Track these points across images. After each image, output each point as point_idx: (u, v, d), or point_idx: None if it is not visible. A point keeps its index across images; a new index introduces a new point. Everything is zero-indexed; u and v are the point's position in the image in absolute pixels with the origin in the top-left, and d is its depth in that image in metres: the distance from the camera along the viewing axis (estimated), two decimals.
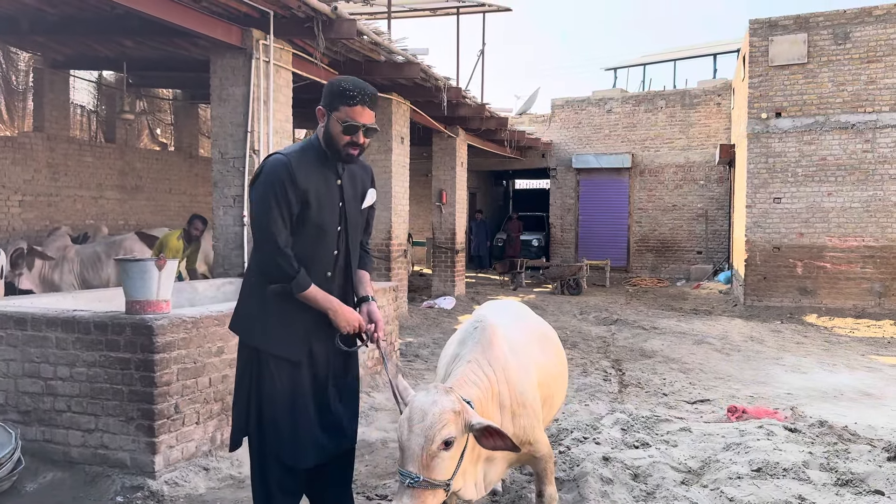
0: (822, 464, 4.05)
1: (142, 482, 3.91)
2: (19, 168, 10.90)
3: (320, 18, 7.17)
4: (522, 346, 3.18)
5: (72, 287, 8.25)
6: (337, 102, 2.77)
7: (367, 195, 3.02)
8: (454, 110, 12.25)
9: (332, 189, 2.86)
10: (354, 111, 2.76)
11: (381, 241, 11.30)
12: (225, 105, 7.28)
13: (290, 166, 2.74)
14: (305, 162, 2.80)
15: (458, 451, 2.50)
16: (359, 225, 3.01)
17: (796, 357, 8.48)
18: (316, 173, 2.82)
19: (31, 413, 4.19)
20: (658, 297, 14.97)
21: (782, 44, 12.81)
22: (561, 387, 3.55)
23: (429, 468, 2.41)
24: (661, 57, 24.98)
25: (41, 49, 10.67)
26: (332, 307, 2.80)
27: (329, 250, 2.88)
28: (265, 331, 2.81)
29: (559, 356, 3.57)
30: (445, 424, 2.43)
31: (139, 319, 3.93)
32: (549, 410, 3.39)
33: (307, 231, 2.81)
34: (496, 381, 2.86)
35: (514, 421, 2.90)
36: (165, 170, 14.17)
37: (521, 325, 3.49)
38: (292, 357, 2.83)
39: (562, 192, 20.79)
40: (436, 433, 2.41)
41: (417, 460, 2.40)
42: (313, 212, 2.79)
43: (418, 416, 2.44)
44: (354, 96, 2.75)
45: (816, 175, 12.75)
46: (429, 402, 2.47)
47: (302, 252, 2.80)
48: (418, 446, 2.41)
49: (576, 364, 7.82)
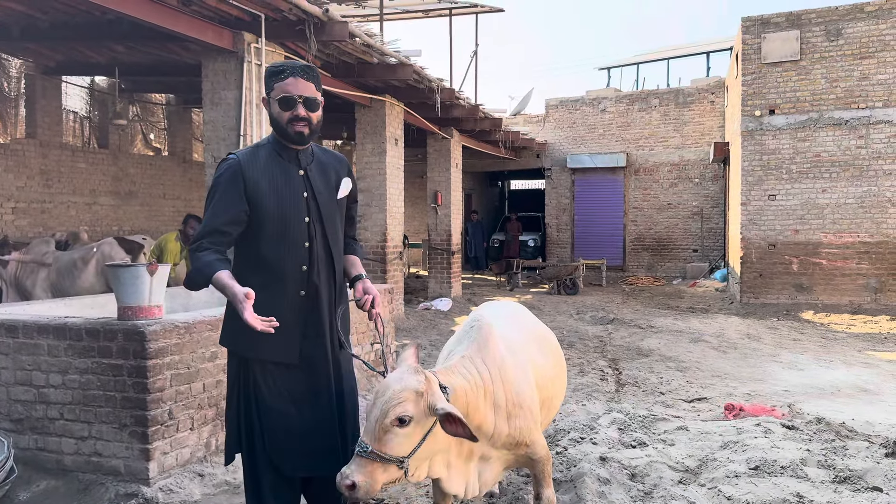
0: (819, 461, 4.03)
1: (136, 489, 3.87)
2: (12, 175, 10.87)
3: (312, 21, 7.15)
4: (520, 347, 3.15)
5: (44, 294, 8.08)
6: (271, 83, 2.77)
7: (342, 185, 2.94)
8: (448, 111, 12.24)
9: (293, 180, 2.81)
10: (287, 84, 2.73)
11: (377, 243, 11.27)
12: (217, 109, 7.25)
13: (239, 164, 2.74)
14: (259, 158, 2.79)
15: (417, 431, 2.51)
16: (334, 215, 2.91)
17: (793, 354, 8.48)
18: (272, 167, 2.78)
19: (24, 421, 4.15)
20: (654, 296, 14.97)
21: (775, 41, 12.83)
22: (559, 388, 3.52)
23: (381, 441, 2.46)
24: (655, 56, 25.03)
25: (33, 55, 10.63)
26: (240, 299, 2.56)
27: (300, 242, 2.79)
28: (251, 337, 2.67)
29: (557, 358, 3.54)
30: (402, 402, 2.48)
31: (131, 325, 3.89)
32: (547, 412, 3.37)
33: (270, 225, 2.75)
34: (490, 381, 2.84)
35: (509, 422, 2.87)
36: (159, 175, 14.13)
37: (519, 325, 3.47)
38: (283, 360, 2.77)
39: (557, 192, 20.79)
40: (391, 408, 2.47)
41: (371, 432, 2.48)
42: (271, 204, 2.73)
43: (382, 390, 2.53)
44: (283, 70, 2.75)
45: (811, 172, 12.76)
46: (395, 378, 2.55)
47: (269, 248, 2.75)
48: (374, 419, 2.49)
49: (573, 364, 7.81)
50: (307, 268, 2.80)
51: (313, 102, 2.77)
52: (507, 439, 2.90)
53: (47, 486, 4.01)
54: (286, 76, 2.73)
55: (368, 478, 2.43)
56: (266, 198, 2.73)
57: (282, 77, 2.74)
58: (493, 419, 2.83)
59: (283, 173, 2.79)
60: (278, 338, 2.68)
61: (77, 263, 8.25)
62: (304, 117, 2.75)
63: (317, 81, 2.81)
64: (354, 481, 2.42)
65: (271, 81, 2.76)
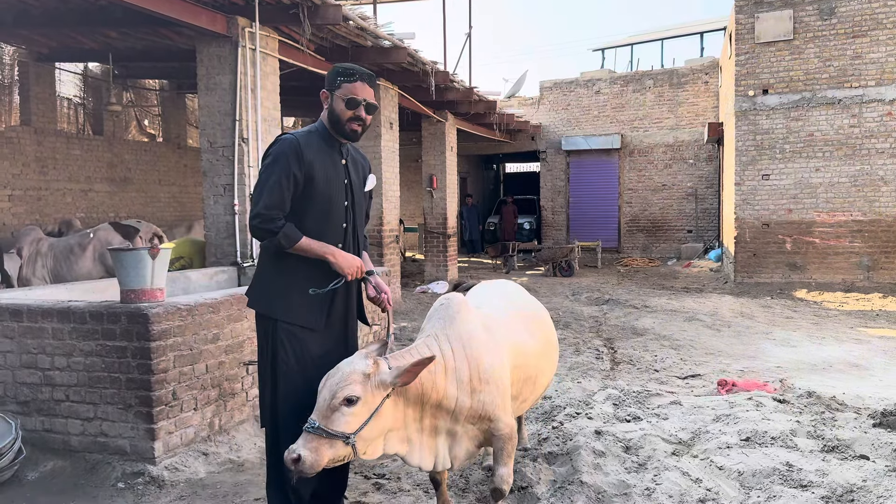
0: (809, 432, 4.14)
1: (142, 468, 3.96)
2: (7, 163, 10.86)
3: (305, 4, 7.16)
4: (499, 324, 3.24)
5: (43, 281, 8.12)
6: (339, 81, 3.03)
7: (368, 179, 3.27)
8: (442, 94, 12.25)
9: (337, 167, 3.10)
10: (355, 87, 3.01)
11: (373, 227, 11.32)
12: (212, 94, 7.27)
13: (298, 142, 2.98)
14: (312, 142, 3.05)
15: (364, 410, 2.69)
16: (363, 204, 3.24)
17: (786, 331, 8.59)
18: (322, 152, 3.05)
19: (30, 403, 4.23)
20: (649, 277, 15.08)
21: (768, 20, 12.85)
22: (546, 366, 3.59)
23: (328, 419, 2.65)
24: (649, 37, 24.98)
25: (26, 42, 10.59)
26: (331, 251, 2.98)
27: (339, 223, 3.09)
28: (280, 299, 3.00)
29: (546, 336, 3.61)
30: (350, 384, 2.67)
31: (134, 308, 3.96)
32: (532, 389, 3.44)
33: (317, 204, 3.02)
34: (452, 357, 2.96)
35: (472, 396, 2.97)
36: (154, 161, 14.12)
37: (505, 304, 3.55)
38: (311, 325, 3.01)
39: (552, 175, 20.84)
40: (339, 390, 2.67)
41: (320, 410, 2.67)
42: (321, 185, 3.00)
43: (332, 373, 2.74)
44: (354, 73, 3.03)
45: (804, 151, 12.82)
46: (346, 363, 2.75)
47: (315, 224, 3.01)
48: (323, 398, 2.68)
49: (568, 343, 7.91)
50: (342, 245, 3.09)
51: (373, 108, 3.09)
52: (469, 412, 2.98)
53: (54, 467, 4.10)
54: (356, 79, 3.02)
55: (314, 453, 2.61)
56: (318, 178, 3.00)
57: (352, 79, 3.02)
58: (454, 393, 2.93)
59: (330, 159, 3.08)
60: (311, 305, 3.01)
61: (74, 249, 8.28)
62: (363, 119, 3.07)
63: (377, 89, 3.16)
64: (300, 454, 2.59)
65: (340, 80, 3.03)
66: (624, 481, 3.58)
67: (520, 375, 3.28)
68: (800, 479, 3.49)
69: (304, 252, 2.96)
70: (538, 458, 4.07)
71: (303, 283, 2.99)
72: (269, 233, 2.91)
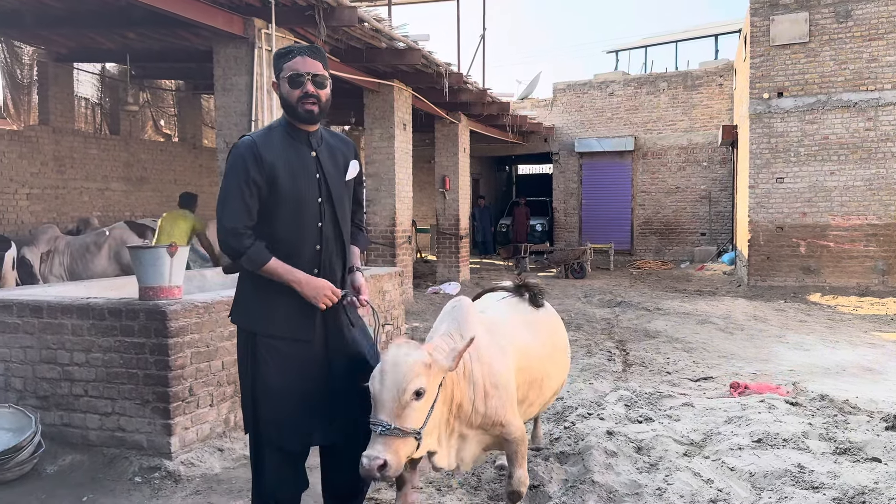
0: (821, 434, 4.14)
1: (158, 463, 4.02)
2: (26, 161, 11.00)
3: (321, 6, 7.22)
4: (503, 327, 3.23)
5: (60, 279, 8.20)
6: (279, 63, 2.85)
7: (350, 167, 3.01)
8: (456, 96, 12.30)
9: (305, 161, 2.86)
10: (295, 62, 2.80)
11: (386, 227, 11.38)
12: (229, 94, 7.35)
13: (254, 145, 2.77)
14: (273, 139, 2.83)
15: (429, 402, 2.63)
16: (343, 197, 2.97)
17: (799, 335, 8.56)
18: (286, 148, 2.83)
19: (50, 398, 4.30)
20: (662, 279, 15.04)
21: (783, 23, 12.80)
22: (554, 370, 3.56)
23: (400, 417, 2.54)
24: (663, 39, 24.95)
25: (45, 42, 10.74)
26: (296, 279, 2.76)
27: (313, 223, 2.85)
28: (260, 312, 2.81)
29: (553, 339, 3.58)
30: (418, 375, 2.57)
31: (153, 305, 4.03)
32: (538, 392, 3.39)
33: (285, 206, 2.80)
34: (468, 358, 2.91)
35: (485, 401, 2.94)
36: (170, 161, 14.26)
37: (506, 307, 3.53)
38: (299, 336, 2.82)
39: (565, 177, 20.83)
40: (408, 384, 2.54)
41: (390, 410, 2.54)
42: (286, 184, 2.78)
43: (391, 368, 2.58)
44: (290, 50, 2.84)
45: (819, 154, 12.76)
46: (401, 354, 2.62)
47: (284, 228, 2.81)
48: (391, 397, 2.54)
49: (580, 345, 7.92)
50: (320, 247, 2.87)
51: (321, 79, 2.82)
52: (482, 420, 2.96)
53: (73, 461, 4.17)
54: (293, 56, 2.81)
55: (395, 455, 2.49)
56: (282, 178, 2.77)
57: (289, 57, 2.81)
58: (471, 396, 2.91)
59: (296, 154, 2.84)
60: (294, 315, 2.79)
61: (90, 247, 8.39)
62: (313, 94, 2.80)
63: (323, 60, 2.87)
64: (385, 459, 2.46)
65: (280, 62, 2.84)
66: (635, 481, 3.60)
67: (524, 378, 3.25)
68: (811, 480, 3.50)
69: (270, 276, 2.75)
70: (550, 457, 4.10)
71: (286, 294, 2.77)
72: (235, 252, 2.74)
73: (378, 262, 11.24)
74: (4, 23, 8.54)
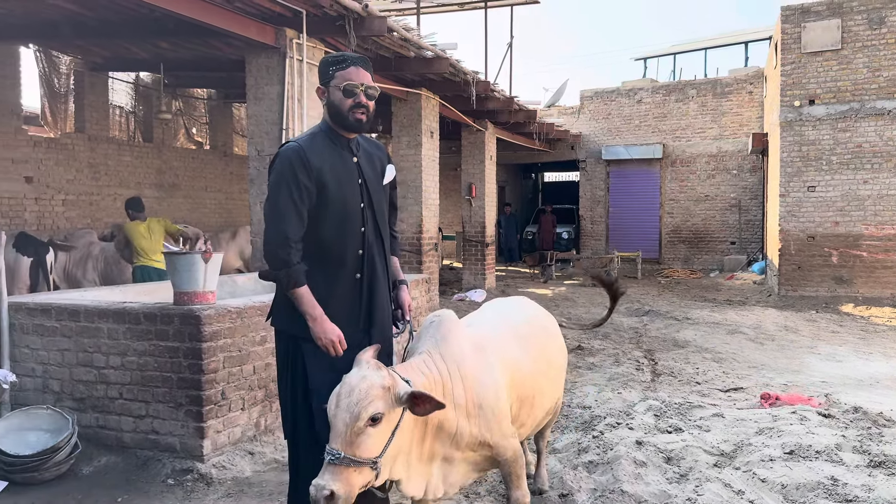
0: (855, 447, 4.08)
1: (191, 465, 4.08)
2: (62, 168, 11.25)
3: (352, 16, 7.30)
4: (491, 341, 3.03)
5: (93, 283, 8.33)
6: (331, 70, 2.84)
7: (387, 171, 3.04)
8: (483, 104, 12.32)
9: (349, 166, 2.89)
10: (349, 72, 2.81)
11: (412, 234, 11.44)
12: (260, 103, 7.45)
13: (301, 150, 2.78)
14: (317, 145, 2.85)
15: (388, 428, 2.45)
16: (382, 201, 3.00)
17: (831, 346, 8.43)
18: (330, 153, 2.86)
19: (86, 400, 4.39)
20: (691, 289, 14.90)
21: (815, 30, 12.66)
22: (547, 387, 3.33)
23: (353, 444, 2.37)
24: (692, 46, 24.77)
25: (81, 52, 10.99)
26: (314, 315, 2.74)
27: (356, 228, 2.88)
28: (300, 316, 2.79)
29: (547, 355, 3.36)
30: (372, 400, 2.39)
31: (187, 310, 4.10)
32: (529, 411, 3.18)
33: (331, 210, 2.82)
34: (449, 377, 2.75)
35: (469, 421, 2.77)
36: (201, 168, 14.48)
37: (497, 321, 3.32)
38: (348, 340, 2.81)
39: (591, 184, 20.75)
40: (361, 409, 2.37)
41: (342, 437, 2.38)
42: (333, 190, 2.81)
43: (346, 392, 2.41)
44: (344, 59, 2.83)
45: (852, 163, 12.58)
46: (358, 377, 2.44)
47: (330, 233, 2.83)
48: (343, 423, 2.38)
49: (608, 354, 7.88)
50: (362, 252, 2.89)
51: (373, 92, 2.86)
52: (470, 439, 2.78)
53: (108, 462, 4.25)
54: (347, 65, 2.81)
55: (346, 485, 2.34)
56: (330, 184, 2.80)
57: (343, 66, 2.82)
58: (454, 416, 2.72)
59: (340, 160, 2.88)
60: (337, 320, 2.79)
61: None
62: (365, 105, 2.83)
63: (372, 72, 2.91)
64: (333, 490, 2.32)
65: (331, 70, 2.83)
66: (665, 491, 3.58)
67: (514, 396, 3.03)
68: (845, 493, 3.45)
69: (294, 298, 2.75)
70: (578, 466, 4.09)
71: (326, 299, 2.80)
72: (280, 263, 2.73)
73: (405, 268, 11.24)
74: (43, 34, 8.75)
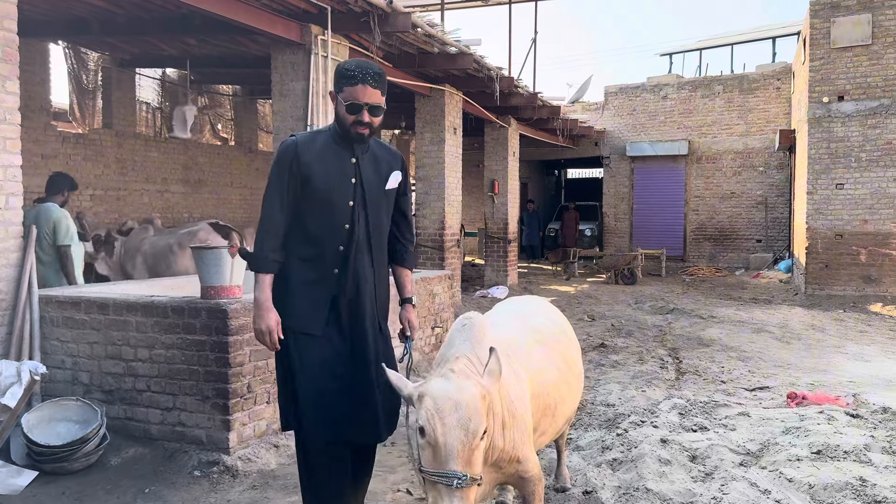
0: (884, 447, 4.02)
1: (217, 458, 4.13)
2: (90, 164, 11.42)
3: (376, 13, 7.33)
4: (516, 347, 2.93)
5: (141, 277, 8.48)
6: (341, 84, 2.89)
7: (391, 177, 3.07)
8: (506, 100, 12.29)
9: (344, 165, 2.96)
10: (356, 90, 2.85)
11: (435, 230, 11.45)
12: (286, 100, 7.51)
13: (296, 145, 2.93)
14: (316, 142, 2.97)
15: (487, 440, 2.35)
16: (380, 205, 3.04)
17: (859, 346, 8.30)
18: (327, 151, 2.95)
19: (114, 392, 4.46)
20: (716, 287, 14.76)
21: (845, 25, 12.44)
22: (567, 395, 3.23)
23: (470, 463, 2.20)
24: (718, 41, 24.47)
25: (109, 49, 11.14)
26: (258, 300, 2.88)
27: (339, 224, 2.94)
28: (287, 306, 2.91)
29: (568, 362, 3.26)
30: (482, 414, 2.25)
31: (214, 304, 4.15)
32: (551, 420, 3.08)
33: (316, 204, 2.92)
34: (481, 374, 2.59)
35: (504, 433, 2.59)
36: (227, 164, 14.61)
37: (519, 324, 3.22)
38: (308, 330, 2.92)
39: (615, 181, 20.61)
40: (477, 426, 2.22)
41: (460, 457, 2.18)
42: (318, 184, 2.90)
43: (449, 408, 2.21)
44: (355, 76, 2.85)
45: (882, 160, 12.35)
46: (454, 389, 2.25)
47: (314, 225, 2.93)
48: (460, 442, 2.18)
49: (631, 352, 7.84)
50: (344, 248, 2.95)
51: (377, 109, 2.91)
52: (499, 455, 2.60)
53: (135, 453, 4.32)
54: (356, 82, 2.85)
55: None
56: (315, 178, 2.90)
57: (352, 82, 2.86)
58: (491, 427, 2.47)
59: (336, 158, 2.96)
60: (306, 309, 2.92)
61: (172, 248, 8.59)
62: (368, 122, 2.91)
63: (383, 87, 2.93)
64: None
65: (341, 83, 2.89)
66: (690, 490, 3.55)
67: (537, 405, 2.91)
68: (874, 494, 3.40)
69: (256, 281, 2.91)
70: (602, 464, 4.07)
71: (298, 287, 2.92)
72: (257, 247, 2.91)
73: (427, 265, 11.31)
74: (72, 31, 8.89)
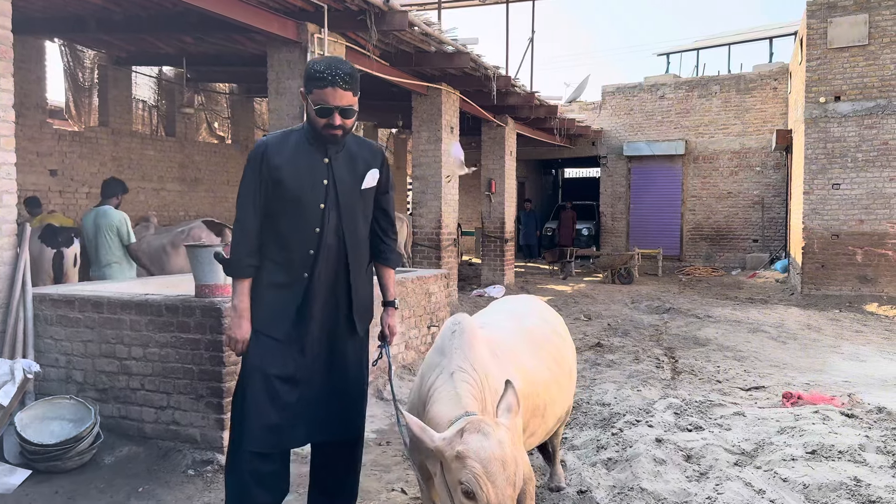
0: (878, 447, 4.03)
1: (211, 456, 4.12)
2: (86, 161, 11.40)
3: (373, 11, 7.31)
4: (505, 348, 2.95)
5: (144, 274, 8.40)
6: (311, 85, 2.77)
7: (368, 175, 2.96)
8: (503, 99, 12.29)
9: (315, 167, 2.87)
10: (326, 93, 2.74)
11: (432, 230, 11.44)
12: (282, 98, 7.49)
13: (265, 146, 2.88)
14: (287, 142, 2.89)
15: None
16: (355, 205, 2.94)
17: (855, 346, 8.32)
18: (298, 152, 2.87)
19: (108, 391, 4.44)
20: (712, 286, 14.77)
21: (842, 25, 12.45)
22: (558, 396, 3.23)
23: None
24: (716, 41, 24.48)
25: (106, 47, 11.11)
26: (235, 307, 2.88)
27: (309, 227, 2.86)
28: (254, 308, 2.90)
29: (559, 362, 3.26)
30: (521, 462, 2.30)
31: (208, 302, 4.13)
32: (540, 421, 3.07)
33: (285, 207, 2.86)
34: (482, 389, 2.62)
35: None
36: (223, 162, 14.60)
37: (511, 323, 3.22)
38: (271, 333, 2.88)
39: (612, 181, 20.61)
40: (520, 476, 2.27)
41: None
42: (289, 186, 2.83)
43: (498, 469, 2.21)
44: (324, 77, 2.73)
45: (878, 160, 12.37)
46: (495, 446, 2.24)
47: (285, 228, 2.87)
48: (508, 498, 2.22)
49: (627, 351, 7.84)
50: (314, 252, 2.87)
51: (349, 112, 2.80)
52: None
53: (129, 452, 4.30)
54: (325, 84, 2.73)
55: None
56: (285, 181, 2.83)
57: (321, 84, 2.73)
58: None
59: (307, 159, 2.87)
60: (273, 311, 2.89)
61: (166, 248, 8.53)
62: (340, 125, 2.81)
63: (355, 87, 2.81)
64: None
65: (311, 84, 2.77)
66: (685, 489, 3.55)
67: (527, 405, 2.90)
68: (868, 494, 3.40)
69: (232, 285, 2.93)
70: (597, 463, 4.07)
71: (267, 289, 2.89)
72: (232, 248, 2.90)
73: (423, 263, 11.31)
74: (68, 28, 8.87)
